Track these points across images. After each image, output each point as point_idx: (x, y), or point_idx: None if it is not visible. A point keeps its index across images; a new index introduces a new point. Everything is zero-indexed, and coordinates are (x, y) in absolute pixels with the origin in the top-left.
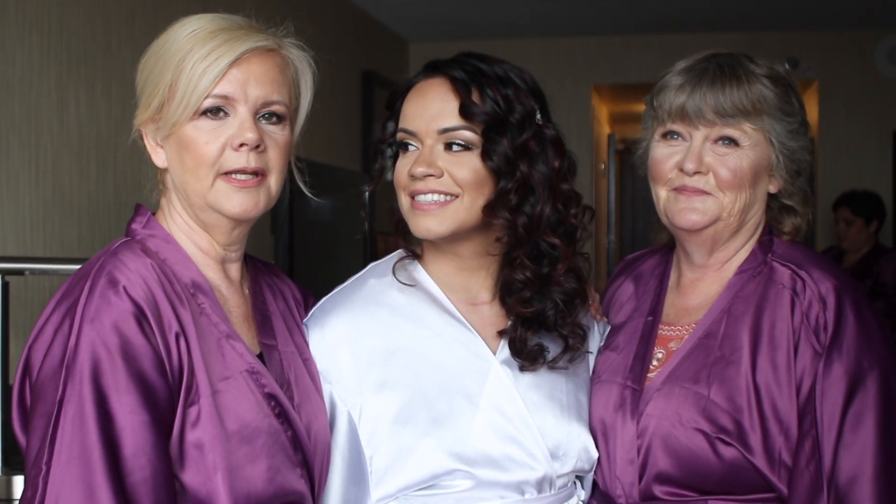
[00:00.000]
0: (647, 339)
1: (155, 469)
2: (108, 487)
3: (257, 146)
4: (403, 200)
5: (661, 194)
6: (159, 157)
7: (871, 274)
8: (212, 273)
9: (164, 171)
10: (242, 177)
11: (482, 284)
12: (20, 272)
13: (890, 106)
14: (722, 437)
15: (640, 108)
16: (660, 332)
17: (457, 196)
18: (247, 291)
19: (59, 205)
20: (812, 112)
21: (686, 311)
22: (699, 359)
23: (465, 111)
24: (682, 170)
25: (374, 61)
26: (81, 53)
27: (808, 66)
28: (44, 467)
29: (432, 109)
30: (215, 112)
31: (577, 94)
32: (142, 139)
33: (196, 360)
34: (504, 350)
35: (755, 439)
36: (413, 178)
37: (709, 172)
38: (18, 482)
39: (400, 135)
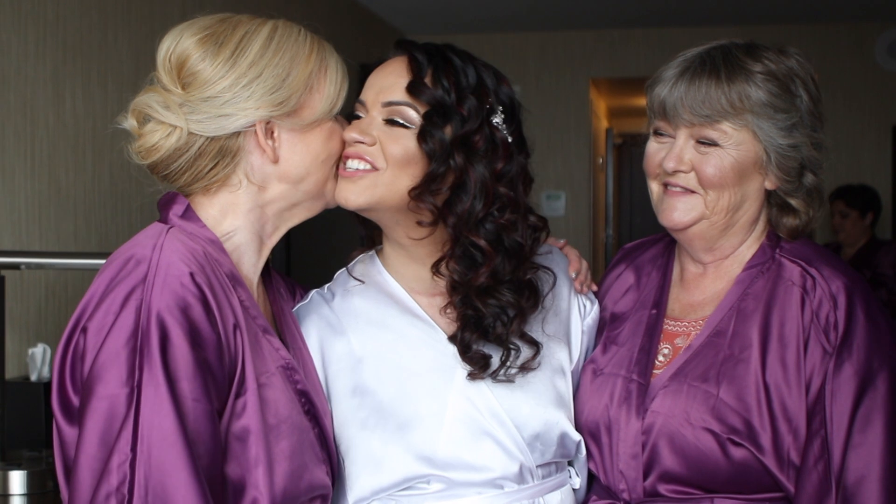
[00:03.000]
0: (652, 333)
1: (212, 459)
2: (190, 472)
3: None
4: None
5: (654, 188)
6: (274, 152)
7: (869, 265)
8: (249, 267)
9: (264, 164)
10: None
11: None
12: (16, 266)
13: (890, 99)
14: (732, 437)
15: (639, 102)
16: (665, 326)
17: (379, 169)
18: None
19: (55, 198)
20: None
21: (692, 307)
22: (708, 357)
23: (412, 88)
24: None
25: (372, 55)
26: (77, 45)
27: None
28: (130, 453)
29: (385, 82)
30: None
31: (575, 88)
32: (232, 136)
33: (246, 352)
34: None
35: (765, 439)
36: (345, 143)
37: (691, 170)
38: (14, 477)
39: (355, 105)
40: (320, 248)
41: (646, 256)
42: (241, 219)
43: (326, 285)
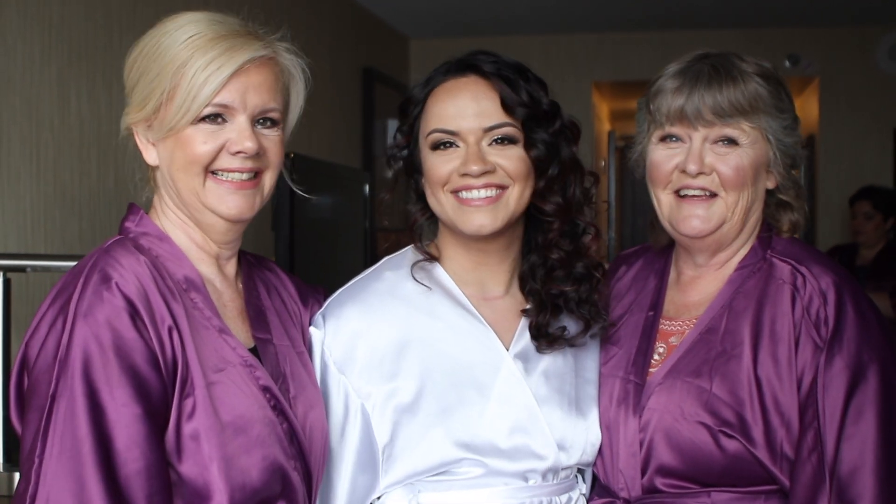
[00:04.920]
0: (649, 334)
1: (148, 461)
2: (99, 479)
3: (256, 153)
4: (445, 199)
5: (663, 198)
6: (151, 155)
7: (891, 272)
8: (206, 267)
9: (155, 168)
10: (236, 176)
11: (497, 279)
12: (21, 269)
13: (891, 102)
14: (724, 429)
15: None
16: (661, 326)
17: (507, 188)
18: (240, 286)
19: (61, 201)
20: (813, 109)
21: (686, 307)
22: (701, 353)
23: (507, 107)
24: (684, 171)
25: (375, 58)
26: (82, 48)
27: (808, 62)
28: (36, 460)
29: (473, 108)
30: (214, 118)
31: (578, 91)
32: (131, 137)
33: (190, 352)
34: (517, 344)
35: (757, 432)
36: (465, 175)
37: (712, 172)
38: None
39: (437, 135)
40: (323, 256)
41: (642, 262)
42: (168, 223)
43: (368, 271)
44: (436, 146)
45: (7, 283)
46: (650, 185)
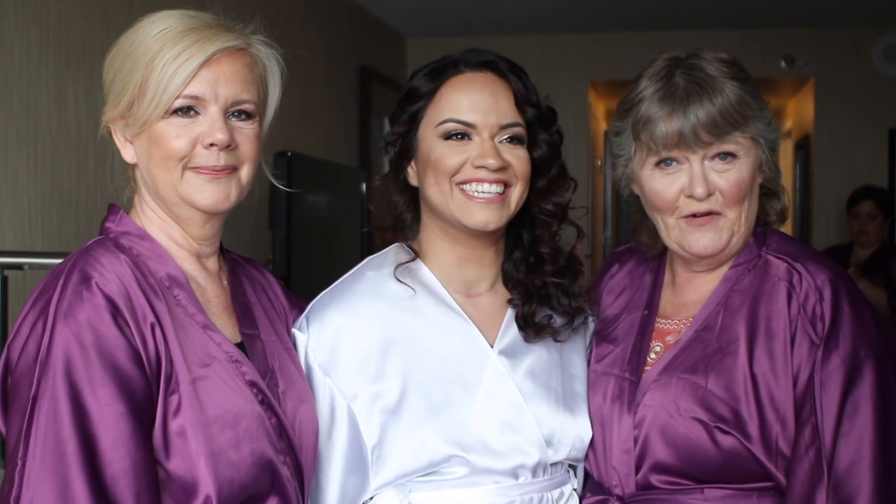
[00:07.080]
0: (644, 332)
1: (134, 459)
2: (84, 480)
3: (228, 145)
4: (451, 190)
5: (671, 223)
6: (128, 153)
7: (883, 272)
8: (188, 265)
9: (134, 166)
10: (213, 163)
11: (481, 275)
12: (19, 266)
13: (886, 103)
14: (720, 425)
15: None
16: (657, 325)
17: (511, 186)
18: (225, 283)
19: (58, 199)
20: (808, 109)
21: (683, 306)
22: (696, 350)
23: (520, 106)
24: (690, 196)
25: (372, 57)
26: (80, 47)
27: (804, 62)
28: (19, 462)
29: (491, 103)
30: (186, 111)
31: (574, 91)
32: (110, 135)
33: (173, 349)
34: (501, 341)
35: (753, 428)
36: (480, 168)
37: (715, 191)
38: None
39: (452, 125)
40: (320, 254)
41: (637, 259)
42: (148, 222)
43: (350, 272)
44: (448, 136)
45: (4, 280)
46: (652, 212)
